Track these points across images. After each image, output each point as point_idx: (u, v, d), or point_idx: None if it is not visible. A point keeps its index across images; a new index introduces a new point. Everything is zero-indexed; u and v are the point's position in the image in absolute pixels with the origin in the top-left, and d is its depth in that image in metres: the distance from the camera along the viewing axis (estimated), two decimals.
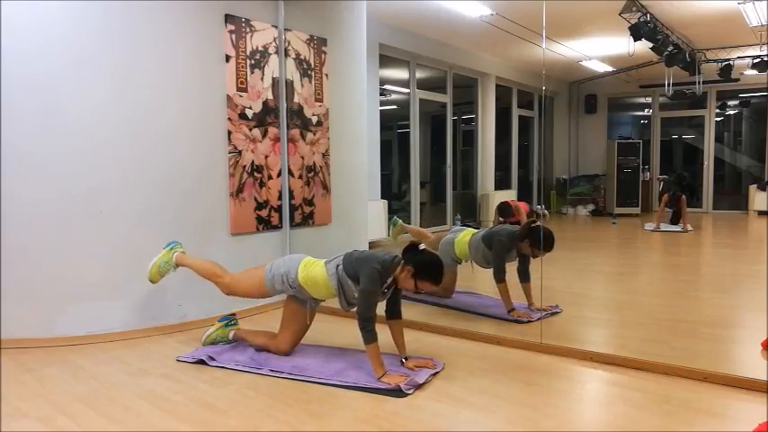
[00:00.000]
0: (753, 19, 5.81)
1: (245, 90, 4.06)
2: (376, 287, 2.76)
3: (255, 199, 4.16)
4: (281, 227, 4.37)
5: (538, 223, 3.84)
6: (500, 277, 3.82)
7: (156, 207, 3.66)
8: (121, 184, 3.54)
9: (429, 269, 2.79)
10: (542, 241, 3.65)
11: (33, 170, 3.37)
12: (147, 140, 3.62)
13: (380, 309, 2.90)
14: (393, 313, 2.96)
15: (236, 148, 4.01)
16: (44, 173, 3.38)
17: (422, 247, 2.81)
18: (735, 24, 6.08)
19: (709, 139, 8.74)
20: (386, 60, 7.04)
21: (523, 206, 5.96)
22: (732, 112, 8.97)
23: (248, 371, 2.92)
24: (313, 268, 2.98)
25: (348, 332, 2.86)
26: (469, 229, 4.26)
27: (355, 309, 2.83)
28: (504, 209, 5.89)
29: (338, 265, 2.90)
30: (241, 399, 2.60)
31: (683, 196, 7.69)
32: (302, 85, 4.47)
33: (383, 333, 2.95)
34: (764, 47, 6.51)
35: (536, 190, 8.95)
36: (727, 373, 2.69)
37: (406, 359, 2.92)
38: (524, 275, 3.91)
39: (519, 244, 3.81)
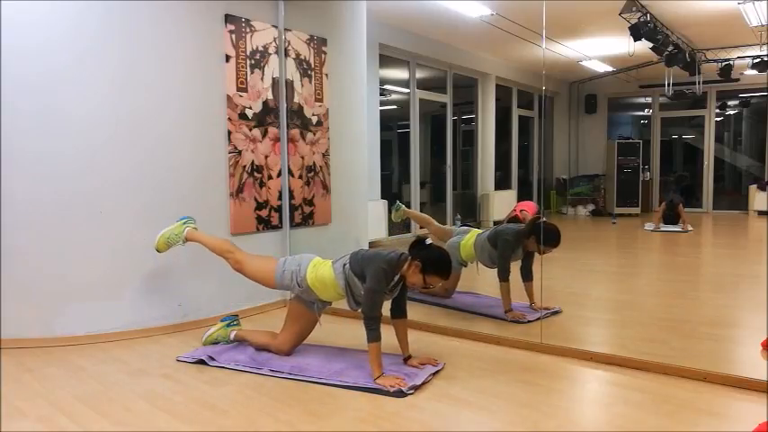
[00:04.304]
0: (753, 19, 5.81)
1: (245, 90, 4.06)
2: (381, 286, 2.75)
3: (255, 199, 4.16)
4: (281, 227, 4.37)
5: (543, 219, 3.84)
6: (504, 276, 3.82)
7: (156, 207, 3.66)
8: (121, 184, 3.54)
9: (437, 263, 2.76)
10: (548, 236, 3.66)
11: (33, 170, 3.37)
12: (147, 140, 3.62)
13: (386, 309, 2.90)
14: (398, 312, 2.95)
15: (236, 148, 4.01)
16: (44, 173, 3.38)
17: (428, 241, 2.79)
18: (735, 24, 6.07)
19: (709, 139, 8.74)
20: (386, 60, 7.03)
21: (530, 208, 5.94)
22: (732, 112, 8.97)
23: (248, 371, 2.92)
24: (321, 269, 2.98)
25: (349, 332, 2.87)
26: (474, 230, 4.25)
27: (361, 308, 2.82)
28: (514, 222, 5.88)
29: (345, 264, 2.89)
30: (241, 399, 2.60)
31: (681, 205, 7.70)
32: (302, 85, 4.47)
33: (387, 333, 2.96)
34: (764, 47, 6.51)
35: (536, 190, 8.94)
36: (728, 373, 2.69)
37: (408, 357, 2.93)
38: (527, 275, 3.92)
39: (525, 241, 3.82)
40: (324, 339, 3.38)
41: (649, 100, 9.73)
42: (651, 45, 6.52)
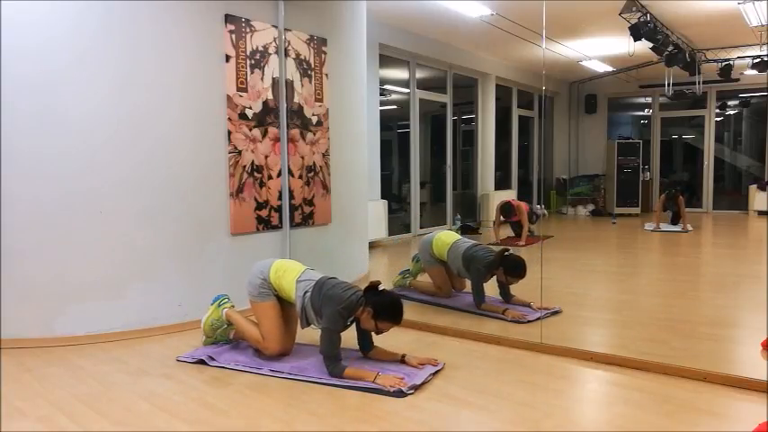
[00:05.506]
0: (753, 19, 5.80)
1: (245, 90, 4.06)
2: (338, 326, 2.82)
3: (255, 199, 4.16)
4: (281, 227, 4.36)
5: (510, 251, 3.95)
6: (479, 301, 3.92)
7: (156, 207, 3.66)
8: (121, 184, 3.54)
9: (388, 310, 2.81)
10: (514, 268, 3.83)
11: (33, 170, 3.37)
12: (147, 140, 3.62)
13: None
14: (367, 348, 3.00)
15: (236, 148, 4.01)
16: (44, 173, 3.38)
17: (381, 287, 2.84)
18: (735, 24, 6.07)
19: (709, 139, 8.73)
20: (386, 60, 7.04)
21: (524, 206, 5.98)
22: (732, 112, 8.96)
23: (248, 371, 2.93)
24: (284, 279, 3.02)
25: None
26: (452, 233, 4.33)
27: (319, 348, 2.84)
28: (507, 209, 5.92)
29: (307, 292, 2.93)
30: (241, 399, 2.60)
31: (681, 197, 7.68)
32: (302, 85, 4.47)
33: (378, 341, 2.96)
34: (764, 47, 6.51)
35: (536, 190, 8.95)
36: (728, 373, 2.69)
37: (404, 356, 2.93)
38: (506, 297, 4.00)
39: (494, 271, 3.91)
40: None
41: (649, 100, 9.72)
42: (651, 45, 6.52)
